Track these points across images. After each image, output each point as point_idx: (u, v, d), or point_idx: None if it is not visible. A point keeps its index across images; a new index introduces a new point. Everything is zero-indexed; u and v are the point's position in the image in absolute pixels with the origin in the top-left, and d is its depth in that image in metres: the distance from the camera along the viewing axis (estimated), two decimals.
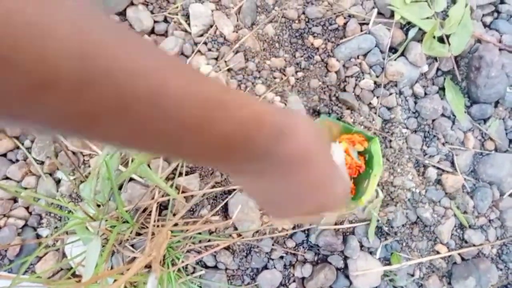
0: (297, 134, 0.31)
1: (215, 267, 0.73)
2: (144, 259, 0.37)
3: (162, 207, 0.71)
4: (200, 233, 0.68)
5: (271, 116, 0.29)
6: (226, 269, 0.73)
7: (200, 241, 0.68)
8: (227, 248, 0.73)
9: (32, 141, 0.71)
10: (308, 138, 0.33)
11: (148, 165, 0.70)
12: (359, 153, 0.79)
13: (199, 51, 0.79)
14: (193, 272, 0.71)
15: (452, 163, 0.86)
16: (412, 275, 0.80)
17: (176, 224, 0.71)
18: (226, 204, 0.74)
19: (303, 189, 0.34)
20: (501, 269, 0.84)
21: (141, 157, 0.53)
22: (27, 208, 0.69)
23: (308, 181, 0.34)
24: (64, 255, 0.66)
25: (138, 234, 0.66)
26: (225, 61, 0.80)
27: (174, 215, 0.71)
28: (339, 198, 0.38)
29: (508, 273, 0.85)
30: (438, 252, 0.81)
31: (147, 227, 0.61)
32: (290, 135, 0.31)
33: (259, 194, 0.36)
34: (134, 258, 0.61)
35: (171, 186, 0.64)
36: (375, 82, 0.86)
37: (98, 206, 0.56)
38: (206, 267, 0.73)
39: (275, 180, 0.33)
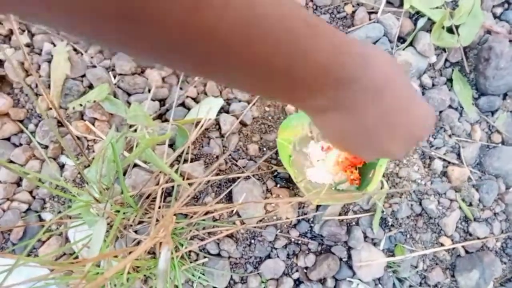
0: (379, 62, 0.33)
1: (218, 255, 0.72)
2: (150, 240, 0.36)
3: (166, 193, 0.70)
4: (204, 220, 0.67)
5: (353, 44, 0.31)
6: (229, 257, 0.73)
7: (203, 228, 0.68)
8: (230, 236, 0.73)
9: (36, 125, 0.70)
10: (389, 66, 0.34)
11: (153, 151, 0.69)
12: None
13: None
14: (196, 260, 0.70)
15: (459, 155, 0.85)
16: (416, 267, 0.79)
17: (181, 212, 0.71)
18: (230, 192, 0.74)
19: (392, 113, 0.35)
20: (505, 263, 0.84)
21: (146, 142, 0.53)
22: (30, 192, 0.68)
23: (395, 104, 0.35)
24: (67, 240, 0.66)
25: (141, 222, 0.65)
26: None
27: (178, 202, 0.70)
28: (427, 121, 0.38)
29: None
30: (442, 245, 0.81)
31: (151, 213, 0.61)
32: (373, 62, 0.32)
33: (346, 133, 0.36)
34: (138, 243, 0.61)
35: (176, 172, 0.63)
36: None
37: (104, 190, 0.55)
38: (209, 254, 0.72)
39: (362, 110, 0.33)
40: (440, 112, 0.86)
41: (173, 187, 0.67)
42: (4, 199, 0.66)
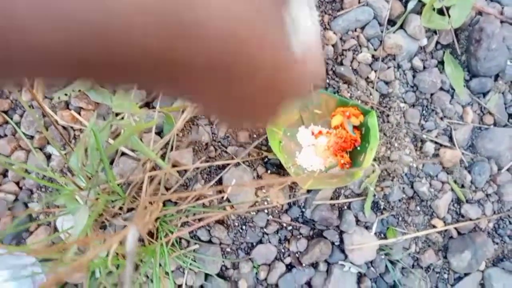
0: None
1: (210, 242, 0.72)
2: (133, 226, 0.36)
3: (154, 179, 0.70)
4: (194, 207, 0.67)
5: None
6: (221, 243, 0.73)
7: (194, 215, 0.68)
8: (221, 223, 0.73)
9: (21, 116, 0.69)
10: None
11: (141, 139, 0.69)
12: (356, 127, 0.77)
13: None
14: (187, 247, 0.70)
15: (450, 138, 0.84)
16: (408, 249, 0.80)
17: (169, 200, 0.70)
18: (220, 179, 0.74)
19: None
20: (497, 243, 0.84)
21: (130, 129, 0.52)
22: (17, 183, 0.68)
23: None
24: (55, 230, 0.66)
25: (130, 210, 0.65)
26: None
27: (167, 190, 0.70)
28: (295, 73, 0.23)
29: (504, 247, 0.84)
30: (434, 226, 0.81)
31: (139, 201, 0.60)
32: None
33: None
34: None
35: (163, 159, 0.63)
36: (373, 56, 0.84)
37: (89, 179, 0.55)
38: (200, 241, 0.72)
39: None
40: (432, 94, 0.86)
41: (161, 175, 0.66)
42: None
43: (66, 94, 0.68)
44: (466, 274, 0.82)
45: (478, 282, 0.82)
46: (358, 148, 0.76)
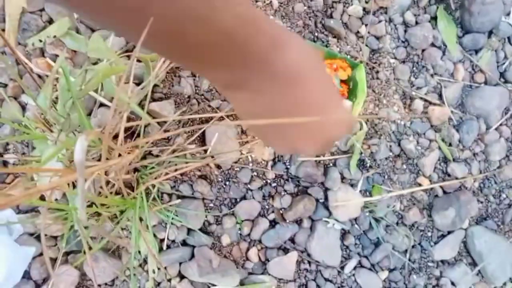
0: (291, 47, 0.29)
1: (192, 197, 0.71)
2: (104, 164, 0.34)
3: (136, 134, 0.68)
4: (177, 157, 0.65)
5: (267, 23, 0.28)
6: (203, 198, 0.72)
7: (175, 170, 0.66)
8: (204, 178, 0.72)
9: None
10: (302, 54, 0.31)
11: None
12: (343, 81, 0.75)
13: None
14: (169, 201, 0.69)
15: (440, 95, 0.83)
16: (393, 207, 0.79)
17: (150, 153, 0.69)
18: (203, 133, 0.72)
19: (304, 107, 0.32)
20: (481, 202, 0.84)
21: (104, 71, 0.49)
22: None
23: (307, 98, 0.32)
24: (32, 180, 0.64)
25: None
26: None
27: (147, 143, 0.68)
28: (342, 125, 0.35)
29: (488, 206, 0.85)
30: (420, 185, 0.81)
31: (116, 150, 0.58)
32: (285, 47, 0.29)
33: (257, 116, 0.33)
34: (107, 183, 0.59)
35: (142, 110, 0.60)
36: (364, 9, 0.81)
37: (57, 121, 0.52)
38: (183, 197, 0.71)
39: (272, 97, 0.31)
40: (423, 50, 0.83)
41: (140, 126, 0.64)
42: None
43: (40, 41, 0.65)
44: (449, 232, 0.82)
45: (460, 240, 0.82)
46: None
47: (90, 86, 0.48)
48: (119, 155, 0.54)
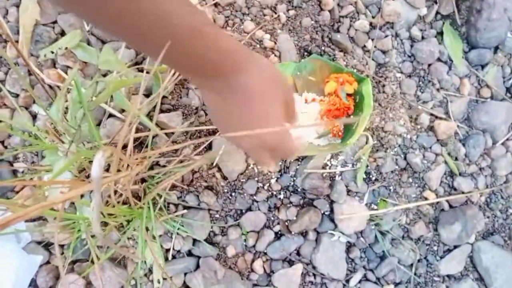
0: (253, 71, 0.39)
1: (198, 208, 0.71)
2: (115, 175, 0.34)
3: (144, 145, 0.69)
4: (183, 167, 0.66)
5: (238, 50, 0.37)
6: (209, 209, 0.72)
7: (182, 181, 0.66)
8: (210, 189, 0.72)
9: (6, 73, 0.67)
10: (264, 78, 0.40)
11: (129, 101, 0.67)
12: (349, 95, 0.76)
13: None
14: (175, 211, 0.69)
15: (446, 110, 0.83)
16: (399, 221, 0.79)
17: (158, 164, 0.69)
18: (210, 144, 0.72)
19: (252, 119, 0.41)
20: (488, 217, 0.84)
21: (115, 84, 0.50)
22: (2, 142, 0.66)
23: (258, 113, 0.40)
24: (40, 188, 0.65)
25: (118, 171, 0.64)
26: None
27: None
28: (281, 144, 0.44)
29: (495, 221, 0.84)
30: (426, 199, 0.80)
31: (124, 161, 0.59)
32: (248, 70, 0.38)
33: (220, 116, 0.43)
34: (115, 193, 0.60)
35: (150, 120, 0.61)
36: (370, 24, 0.82)
37: (68, 132, 0.53)
38: (189, 208, 0.71)
39: (233, 106, 0.40)
40: (429, 65, 0.84)
41: (147, 136, 0.65)
42: None
43: (52, 52, 0.66)
44: (455, 247, 0.82)
45: (467, 255, 0.82)
46: (351, 116, 0.75)
47: (101, 98, 0.49)
48: (127, 165, 0.55)
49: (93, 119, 0.55)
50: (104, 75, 0.68)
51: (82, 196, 0.61)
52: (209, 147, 0.72)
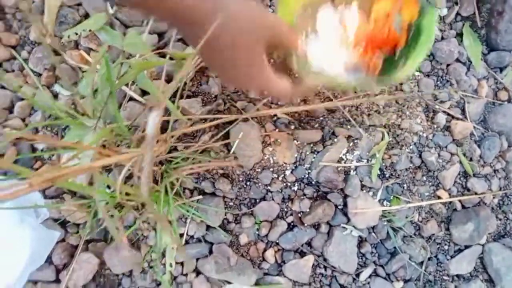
0: (228, 17, 0.40)
1: (213, 194, 0.72)
2: (135, 150, 0.35)
3: (163, 129, 0.69)
4: (200, 153, 0.66)
5: None
6: (224, 197, 0.72)
7: (200, 162, 0.67)
8: (226, 176, 0.72)
9: (29, 52, 0.68)
10: (240, 23, 0.42)
11: None
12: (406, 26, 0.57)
13: None
14: (191, 197, 0.70)
15: (463, 110, 0.83)
16: (411, 218, 0.79)
17: (176, 148, 0.70)
18: (227, 132, 0.73)
19: (234, 65, 0.44)
20: (500, 219, 0.83)
21: (139, 65, 0.51)
22: (23, 120, 0.67)
23: (239, 61, 0.44)
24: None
25: None
26: None
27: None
28: (270, 89, 0.48)
29: (507, 224, 0.84)
30: (439, 197, 0.80)
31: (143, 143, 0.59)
32: (224, 16, 0.39)
33: (206, 56, 0.45)
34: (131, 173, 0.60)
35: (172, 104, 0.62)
36: None
37: (95, 108, 0.54)
38: (204, 194, 0.72)
39: (215, 52, 0.43)
40: (448, 65, 0.84)
41: (168, 121, 0.65)
42: None
43: (76, 34, 0.67)
44: (466, 247, 0.81)
45: (477, 256, 0.81)
46: (397, 53, 0.57)
47: (127, 78, 0.49)
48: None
49: (115, 95, 0.55)
50: (127, 58, 0.68)
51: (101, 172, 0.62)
52: (227, 135, 0.73)
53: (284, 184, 0.75)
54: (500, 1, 0.84)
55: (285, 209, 0.75)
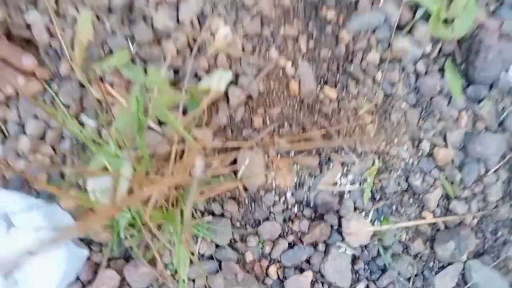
0: None
1: (222, 215, 0.79)
2: (172, 177, 0.42)
3: (180, 157, 0.76)
4: (214, 177, 0.74)
5: None
6: (231, 217, 0.80)
7: (210, 184, 0.74)
8: (233, 199, 0.80)
9: (59, 86, 0.75)
10: None
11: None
12: None
13: (218, 13, 0.83)
14: (202, 217, 0.77)
15: (445, 139, 0.92)
16: (399, 237, 0.87)
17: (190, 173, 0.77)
18: (235, 158, 0.80)
19: None
20: (479, 238, 0.92)
21: (163, 99, 0.58)
22: (53, 147, 0.74)
23: None
24: (85, 191, 0.72)
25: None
26: (242, 25, 0.84)
27: None
28: None
29: (485, 242, 0.93)
30: (424, 218, 0.89)
31: (164, 168, 0.67)
32: None
33: None
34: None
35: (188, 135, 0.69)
36: (380, 58, 0.91)
37: (124, 140, 0.61)
38: (213, 215, 0.79)
39: None
40: (431, 98, 0.93)
41: (183, 150, 0.72)
42: (30, 151, 0.72)
43: (102, 69, 0.74)
44: (449, 264, 0.90)
45: (459, 272, 0.90)
46: None
47: (153, 114, 0.57)
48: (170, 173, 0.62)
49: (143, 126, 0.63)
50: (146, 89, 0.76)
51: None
52: (234, 161, 0.80)
53: (285, 205, 0.83)
54: (477, 41, 0.94)
55: (286, 229, 0.82)
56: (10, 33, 0.74)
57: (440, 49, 0.97)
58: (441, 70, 0.96)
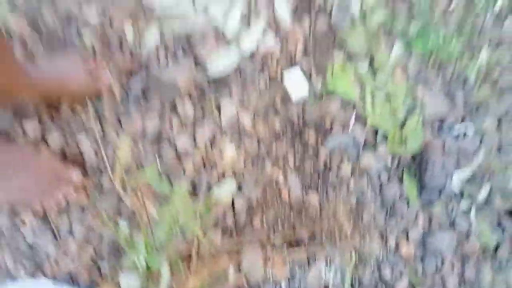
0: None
1: None
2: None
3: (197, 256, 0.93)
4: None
5: None
6: None
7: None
8: None
9: (100, 195, 0.93)
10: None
11: None
12: None
13: (226, 137, 1.07)
14: None
15: (407, 236, 1.13)
16: None
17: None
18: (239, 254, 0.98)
19: None
20: None
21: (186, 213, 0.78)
22: (94, 249, 0.90)
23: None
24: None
25: None
26: (244, 146, 1.08)
27: None
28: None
29: None
30: None
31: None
32: None
33: None
34: None
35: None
36: (352, 170, 1.15)
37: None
38: None
39: None
40: (393, 202, 1.16)
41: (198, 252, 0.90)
42: (76, 251, 0.88)
43: (134, 183, 0.94)
44: None
45: None
46: None
47: (185, 225, 0.76)
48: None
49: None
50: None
51: None
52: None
53: None
54: (425, 160, 1.20)
55: None
56: (65, 154, 0.94)
57: (398, 162, 1.22)
58: (400, 179, 1.20)
